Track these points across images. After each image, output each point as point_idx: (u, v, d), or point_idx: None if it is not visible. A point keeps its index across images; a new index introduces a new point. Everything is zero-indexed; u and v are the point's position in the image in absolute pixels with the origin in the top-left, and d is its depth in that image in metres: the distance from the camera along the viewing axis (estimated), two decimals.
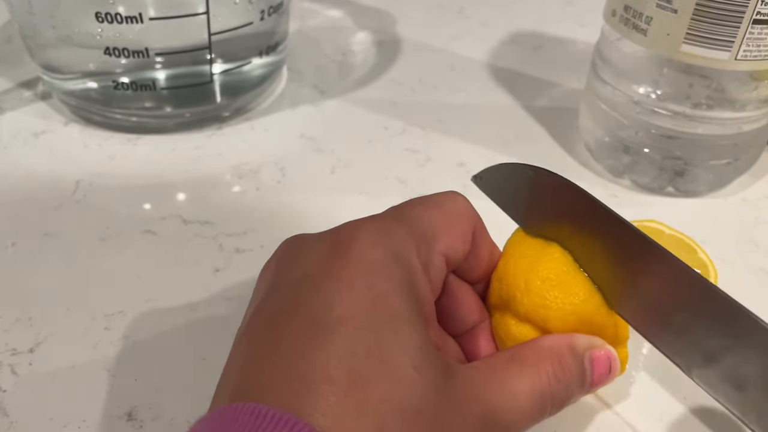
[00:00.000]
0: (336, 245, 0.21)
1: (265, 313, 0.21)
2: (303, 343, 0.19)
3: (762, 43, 0.31)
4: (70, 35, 0.37)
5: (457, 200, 0.24)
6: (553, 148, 0.42)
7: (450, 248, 0.23)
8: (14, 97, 0.44)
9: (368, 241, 0.21)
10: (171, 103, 0.40)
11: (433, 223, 0.23)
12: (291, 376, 0.18)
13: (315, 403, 0.18)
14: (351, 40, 0.53)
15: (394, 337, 0.19)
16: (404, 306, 0.20)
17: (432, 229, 0.23)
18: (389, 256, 0.21)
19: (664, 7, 0.32)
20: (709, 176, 0.37)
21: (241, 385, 0.19)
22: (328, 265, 0.21)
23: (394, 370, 0.19)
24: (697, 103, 0.34)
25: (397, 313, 0.20)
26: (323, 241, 0.22)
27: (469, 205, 0.25)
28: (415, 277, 0.21)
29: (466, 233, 0.24)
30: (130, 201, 0.36)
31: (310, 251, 0.22)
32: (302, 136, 0.42)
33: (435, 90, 0.47)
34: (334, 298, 0.20)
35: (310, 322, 0.19)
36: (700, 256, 0.33)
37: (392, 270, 0.21)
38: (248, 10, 0.39)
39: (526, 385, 0.22)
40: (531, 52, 0.52)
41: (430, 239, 0.23)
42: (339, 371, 0.18)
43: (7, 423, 0.25)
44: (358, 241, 0.21)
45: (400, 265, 0.21)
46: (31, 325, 0.29)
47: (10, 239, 0.33)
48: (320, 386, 0.18)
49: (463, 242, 0.24)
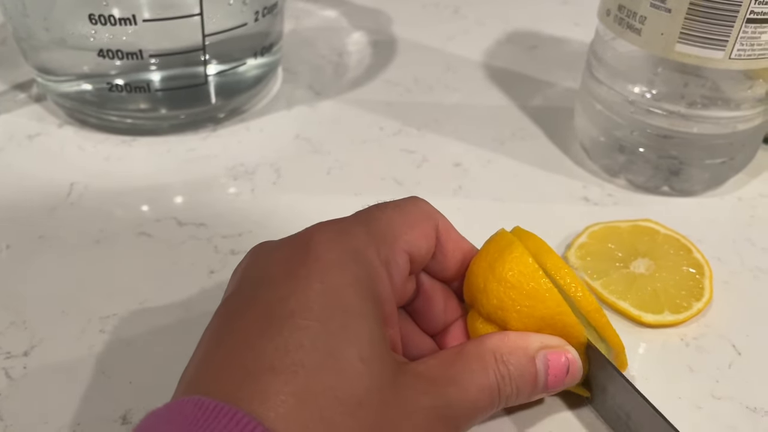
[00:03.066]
0: (296, 247, 0.22)
1: (225, 310, 0.22)
2: (254, 336, 0.20)
3: (756, 42, 0.31)
4: (63, 37, 0.37)
5: (418, 203, 0.25)
6: (548, 147, 0.42)
7: (412, 246, 0.24)
8: (8, 100, 0.44)
9: (326, 241, 0.22)
10: (166, 104, 0.40)
11: (392, 223, 0.24)
12: (237, 367, 0.19)
13: (257, 393, 0.18)
14: (346, 41, 0.53)
15: (343, 330, 0.20)
16: (358, 301, 0.21)
17: (392, 228, 0.24)
18: (347, 254, 0.22)
19: (658, 7, 0.32)
20: (704, 175, 0.37)
21: (193, 379, 0.20)
22: (287, 265, 0.22)
23: (339, 362, 0.19)
24: (692, 103, 0.34)
25: (350, 307, 0.21)
26: (285, 244, 0.23)
27: (429, 207, 0.25)
28: (374, 275, 0.22)
29: (428, 231, 0.25)
30: (124, 203, 0.36)
31: (272, 254, 0.23)
32: (298, 137, 0.42)
33: (431, 90, 0.47)
34: (289, 295, 0.20)
35: (263, 317, 0.20)
36: (695, 256, 0.33)
37: (348, 267, 0.21)
38: (242, 11, 0.39)
39: (474, 380, 0.22)
40: (526, 52, 0.52)
41: (391, 238, 0.23)
42: (283, 361, 0.19)
43: (2, 426, 0.25)
44: (317, 242, 0.22)
45: (358, 263, 0.22)
46: (26, 328, 0.29)
47: (4, 242, 0.33)
48: (263, 376, 0.18)
49: (426, 240, 0.24)
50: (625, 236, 0.34)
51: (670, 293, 0.31)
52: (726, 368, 0.28)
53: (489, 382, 0.22)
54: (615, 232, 0.34)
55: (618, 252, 0.33)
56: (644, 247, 0.33)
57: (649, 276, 0.31)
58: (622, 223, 0.34)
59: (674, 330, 0.30)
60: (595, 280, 0.31)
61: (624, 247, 0.33)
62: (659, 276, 0.31)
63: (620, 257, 0.32)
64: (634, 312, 0.30)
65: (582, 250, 0.33)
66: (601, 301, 0.31)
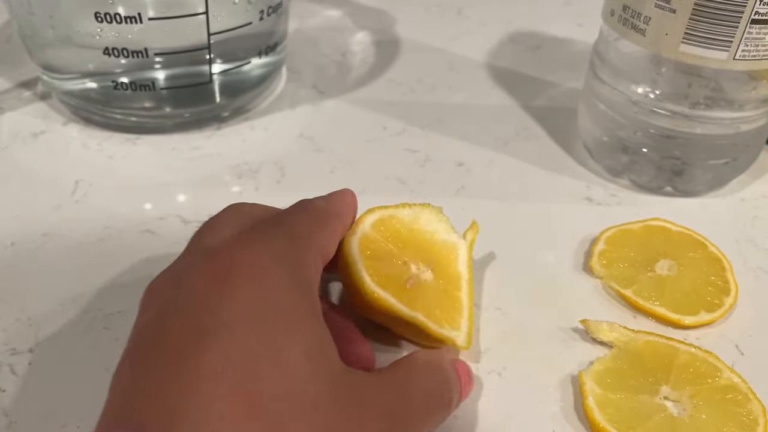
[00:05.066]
0: (217, 258, 0.21)
1: (147, 331, 0.20)
2: (188, 351, 0.18)
3: (760, 43, 0.31)
4: (69, 35, 0.37)
5: (331, 201, 0.27)
6: (551, 147, 0.42)
7: (323, 247, 0.24)
8: (13, 97, 0.44)
9: (250, 247, 0.21)
10: (170, 103, 0.40)
11: (307, 225, 0.24)
12: (172, 387, 0.18)
13: (201, 410, 0.17)
14: (350, 40, 0.53)
15: (285, 330, 0.19)
16: (295, 299, 0.20)
17: (307, 230, 0.24)
18: (274, 256, 0.21)
19: (663, 7, 0.32)
20: (707, 176, 0.37)
21: (124, 407, 0.18)
22: (210, 277, 0.20)
23: (285, 364, 0.18)
24: (695, 103, 0.34)
25: (287, 306, 0.20)
26: (202, 259, 0.22)
27: (337, 205, 0.27)
28: (306, 274, 0.22)
29: (337, 229, 0.26)
30: (129, 201, 0.36)
31: (191, 272, 0.21)
32: (301, 135, 0.42)
33: (434, 90, 0.47)
34: (218, 305, 0.19)
35: (193, 331, 0.19)
36: (711, 250, 0.33)
37: (279, 268, 0.21)
38: (247, 10, 0.39)
39: (425, 386, 0.23)
40: (530, 52, 0.53)
41: (306, 239, 0.24)
42: (227, 369, 0.18)
43: (6, 422, 0.25)
44: (240, 249, 0.21)
45: (287, 264, 0.21)
46: (30, 324, 0.29)
47: (9, 239, 0.33)
48: (204, 391, 0.17)
49: (335, 239, 0.26)
50: (640, 238, 0.34)
51: (701, 292, 0.31)
52: None
53: (440, 388, 0.23)
54: (629, 235, 0.34)
55: (638, 255, 0.33)
56: (662, 247, 0.33)
57: (675, 277, 0.32)
58: (633, 225, 0.34)
59: (675, 330, 0.30)
60: (626, 288, 0.31)
61: (642, 249, 0.33)
62: (685, 275, 0.32)
63: (642, 261, 0.32)
64: (673, 316, 0.30)
65: (604, 257, 0.33)
66: (635, 308, 0.31)
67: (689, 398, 0.26)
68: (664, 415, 0.26)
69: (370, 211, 0.29)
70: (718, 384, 0.27)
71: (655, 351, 0.28)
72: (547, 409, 0.27)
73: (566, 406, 0.27)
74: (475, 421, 0.26)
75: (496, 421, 0.26)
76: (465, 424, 0.26)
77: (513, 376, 0.28)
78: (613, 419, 0.25)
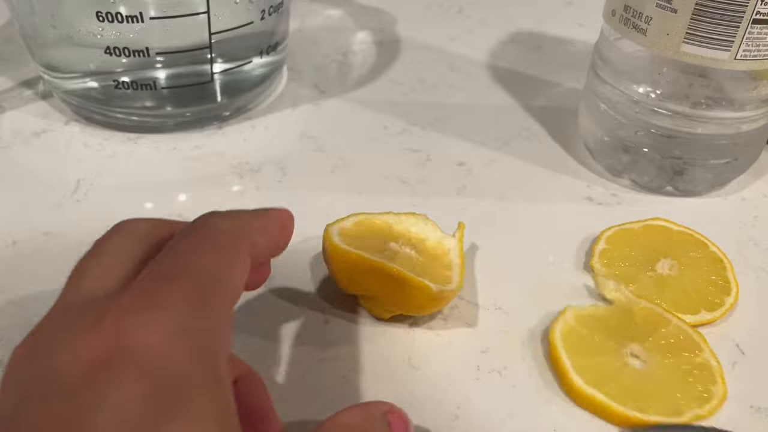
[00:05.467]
0: (94, 334, 0.17)
1: (9, 426, 0.16)
2: None
3: (761, 43, 0.31)
4: (70, 34, 0.37)
5: (239, 218, 0.22)
6: (552, 147, 0.42)
7: (235, 292, 0.20)
8: (15, 97, 0.44)
9: (139, 317, 0.17)
10: (171, 102, 0.40)
11: (208, 268, 0.19)
12: None
13: None
14: (351, 40, 0.53)
15: (182, 413, 0.16)
16: (194, 389, 0.16)
17: (214, 273, 0.19)
18: (171, 335, 0.17)
19: (664, 7, 0.32)
20: (708, 175, 0.37)
21: None
22: (85, 364, 0.16)
23: None
24: (696, 103, 0.34)
25: (185, 399, 0.16)
26: (77, 328, 0.18)
27: (251, 223, 0.22)
28: (208, 349, 0.18)
29: (246, 263, 0.21)
30: (130, 200, 0.36)
31: (62, 349, 0.17)
32: (302, 135, 0.42)
33: (435, 89, 0.47)
34: (96, 407, 0.15)
35: None
36: (712, 250, 0.33)
37: (176, 353, 0.17)
38: (249, 9, 0.39)
39: None
40: (530, 52, 0.53)
41: (215, 286, 0.19)
42: None
43: None
44: (126, 322, 0.17)
45: (186, 341, 0.17)
46: (32, 324, 0.29)
47: (10, 238, 0.33)
48: None
49: (244, 274, 0.21)
50: (641, 237, 0.34)
51: (701, 291, 0.31)
52: (730, 368, 0.29)
53: None
54: (630, 234, 0.34)
55: (639, 255, 0.33)
56: (663, 247, 0.33)
57: (676, 276, 0.32)
58: (634, 224, 0.34)
59: None
60: (627, 287, 0.31)
61: (643, 248, 0.33)
62: (686, 274, 0.32)
63: (643, 260, 0.32)
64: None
65: (605, 257, 0.33)
66: None
67: (656, 364, 0.27)
68: (620, 363, 0.27)
69: (352, 215, 0.30)
70: (692, 360, 0.28)
71: (647, 316, 0.29)
72: (548, 409, 0.27)
73: (567, 406, 0.27)
74: (475, 421, 0.26)
75: (496, 421, 0.26)
76: (465, 424, 0.26)
77: (513, 376, 0.28)
78: (570, 349, 0.27)
